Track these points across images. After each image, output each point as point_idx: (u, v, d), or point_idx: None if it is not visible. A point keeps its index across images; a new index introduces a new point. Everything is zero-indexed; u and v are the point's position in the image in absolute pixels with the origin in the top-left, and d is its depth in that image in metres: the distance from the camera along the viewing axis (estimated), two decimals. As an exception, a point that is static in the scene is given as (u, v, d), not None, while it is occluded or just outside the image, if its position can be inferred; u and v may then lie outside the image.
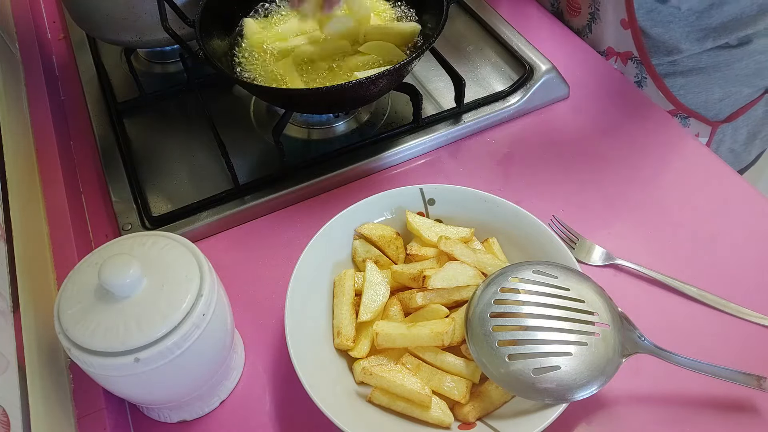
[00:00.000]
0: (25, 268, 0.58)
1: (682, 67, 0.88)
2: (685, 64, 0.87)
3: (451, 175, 0.75)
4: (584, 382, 0.50)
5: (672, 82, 0.89)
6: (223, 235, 0.71)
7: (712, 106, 0.91)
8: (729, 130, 0.94)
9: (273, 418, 0.57)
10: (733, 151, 0.98)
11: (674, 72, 0.88)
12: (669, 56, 0.86)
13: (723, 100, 0.90)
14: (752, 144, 0.99)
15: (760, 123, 0.96)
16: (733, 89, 0.89)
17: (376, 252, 0.62)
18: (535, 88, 0.80)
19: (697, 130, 0.93)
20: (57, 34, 1.00)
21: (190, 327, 0.47)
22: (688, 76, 0.88)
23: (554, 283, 0.54)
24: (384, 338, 0.54)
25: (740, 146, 0.98)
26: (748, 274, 0.64)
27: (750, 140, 0.98)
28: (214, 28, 0.75)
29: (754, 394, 0.55)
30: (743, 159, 1.01)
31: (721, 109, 0.92)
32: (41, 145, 0.77)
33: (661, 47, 0.86)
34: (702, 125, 0.93)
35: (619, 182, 0.73)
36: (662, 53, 0.86)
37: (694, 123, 0.93)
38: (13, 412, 0.45)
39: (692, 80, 0.89)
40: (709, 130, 0.93)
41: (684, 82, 0.89)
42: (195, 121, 0.83)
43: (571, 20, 0.95)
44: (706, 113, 0.92)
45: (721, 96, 0.90)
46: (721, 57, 0.86)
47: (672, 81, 0.89)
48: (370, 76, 0.65)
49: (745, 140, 0.97)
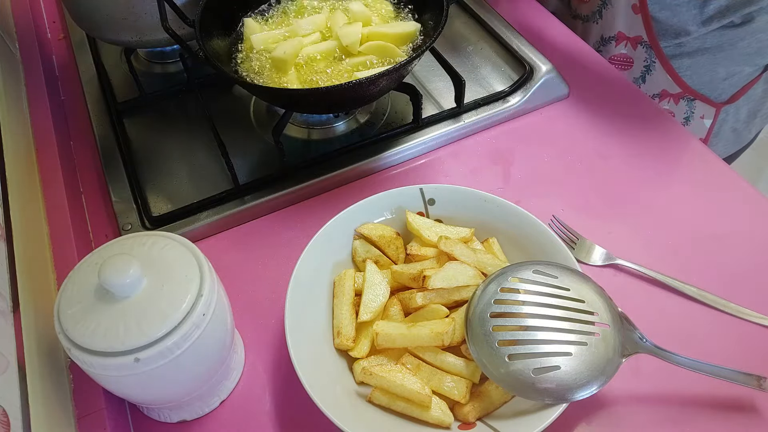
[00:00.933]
0: (25, 268, 0.58)
1: (688, 48, 0.90)
2: (691, 45, 0.89)
3: (451, 175, 0.75)
4: (584, 382, 0.50)
5: (679, 63, 0.91)
6: (223, 235, 0.71)
7: (716, 85, 0.93)
8: (731, 110, 0.97)
9: (273, 418, 0.57)
10: (735, 131, 1.00)
11: (681, 53, 0.91)
12: (677, 38, 0.88)
13: (726, 80, 0.93)
14: (752, 122, 1.01)
15: (759, 101, 0.99)
16: (736, 68, 0.92)
17: (376, 252, 0.62)
18: (535, 88, 0.80)
19: (702, 112, 0.96)
20: (57, 34, 1.00)
21: (190, 327, 0.47)
22: (694, 57, 0.91)
23: (554, 283, 0.54)
24: (384, 338, 0.54)
25: (741, 125, 1.00)
26: (748, 274, 0.64)
27: (750, 118, 1.00)
28: (214, 28, 0.75)
29: (754, 394, 0.55)
30: (744, 137, 1.03)
31: (725, 88, 0.94)
32: (41, 145, 0.77)
33: (669, 30, 0.88)
34: (707, 107, 0.95)
35: (620, 182, 0.73)
36: (670, 36, 0.88)
37: (700, 105, 0.95)
38: (13, 412, 0.45)
39: (698, 61, 0.91)
40: (713, 111, 0.96)
41: (690, 63, 0.91)
42: (195, 121, 0.83)
43: (579, 7, 0.96)
44: (710, 94, 0.94)
45: (725, 75, 0.92)
46: (725, 37, 0.88)
47: (679, 62, 0.91)
48: (370, 76, 0.65)
49: (746, 118, 0.99)
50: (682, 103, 0.95)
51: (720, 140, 1.01)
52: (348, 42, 0.74)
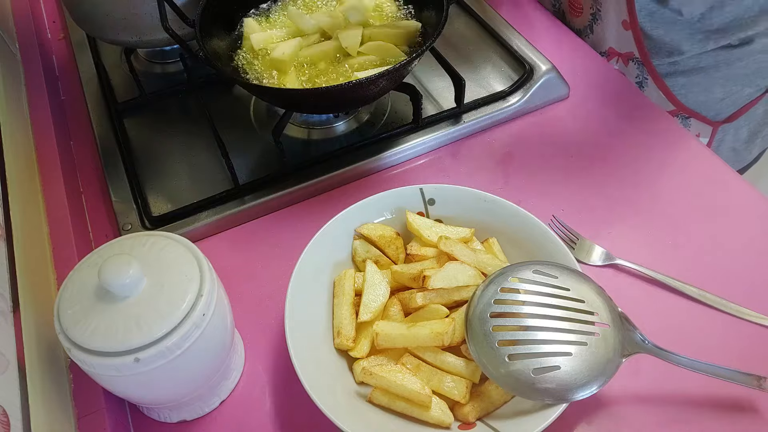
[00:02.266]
0: (25, 268, 0.58)
1: (683, 67, 0.87)
2: (686, 64, 0.87)
3: (451, 175, 0.75)
4: (584, 382, 0.50)
5: (673, 81, 0.89)
6: (223, 235, 0.71)
7: (713, 105, 0.91)
8: (730, 129, 0.94)
9: (273, 418, 0.57)
10: (734, 150, 0.98)
11: (675, 72, 0.88)
12: (670, 57, 0.86)
13: (724, 100, 0.90)
14: (753, 143, 0.99)
15: (761, 122, 0.96)
16: (734, 89, 0.89)
17: (376, 252, 0.62)
18: (535, 88, 0.80)
19: (697, 130, 0.93)
20: (57, 34, 1.00)
21: (190, 327, 0.47)
22: (689, 76, 0.88)
23: (554, 283, 0.54)
24: (384, 338, 0.54)
25: (741, 145, 0.98)
26: (748, 274, 0.64)
27: (751, 139, 0.98)
28: (214, 28, 0.75)
29: (754, 394, 0.55)
30: (744, 158, 1.01)
31: (722, 108, 0.92)
32: (41, 145, 0.77)
33: (662, 48, 0.86)
34: (703, 125, 0.93)
35: (620, 182, 0.73)
36: (663, 54, 0.86)
37: (695, 123, 0.93)
38: (13, 412, 0.45)
39: (693, 80, 0.88)
40: (710, 130, 0.93)
41: (685, 81, 0.89)
42: (195, 121, 0.83)
43: (572, 20, 0.95)
44: (707, 113, 0.92)
45: (722, 95, 0.90)
46: (721, 57, 0.86)
47: (673, 81, 0.89)
48: (370, 76, 0.65)
49: (747, 139, 0.97)
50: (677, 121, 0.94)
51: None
52: (348, 44, 0.74)
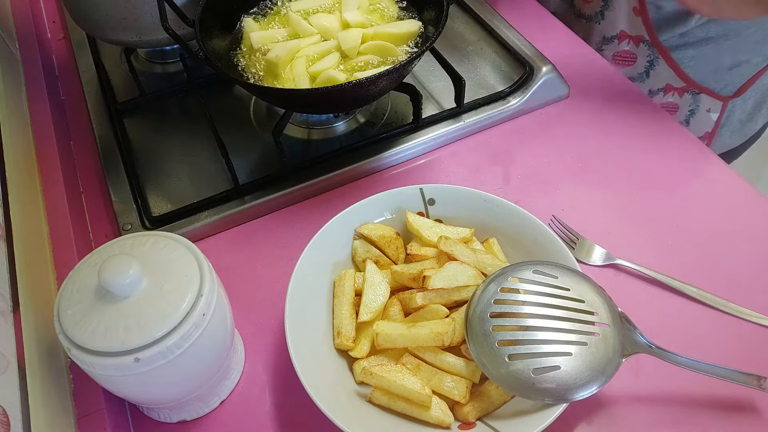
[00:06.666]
0: (25, 268, 0.58)
1: (692, 38, 0.89)
2: (694, 35, 0.89)
3: (451, 175, 0.75)
4: (584, 382, 0.50)
5: (683, 54, 0.91)
6: (223, 235, 0.71)
7: (722, 76, 0.92)
8: (738, 102, 0.96)
9: (273, 418, 0.57)
10: (740, 121, 1.00)
11: (685, 44, 0.90)
12: (679, 27, 0.87)
13: (732, 69, 0.92)
14: (758, 113, 1.00)
15: (766, 92, 0.98)
16: (742, 57, 0.91)
17: (376, 252, 0.62)
18: (535, 88, 0.80)
19: (708, 105, 0.95)
20: (57, 34, 1.00)
21: (190, 327, 0.47)
22: (698, 47, 0.90)
23: (554, 283, 0.54)
24: (384, 338, 0.54)
25: (747, 116, 0.99)
26: (748, 274, 0.64)
27: (756, 109, 0.99)
28: (214, 28, 0.75)
29: (754, 394, 0.55)
30: (749, 129, 1.02)
31: (731, 79, 0.93)
32: (41, 145, 0.77)
33: (671, 19, 0.87)
34: (713, 101, 0.94)
35: (619, 182, 0.73)
36: (672, 24, 0.88)
37: (705, 99, 0.94)
38: (13, 412, 0.45)
39: (702, 51, 0.90)
40: (719, 105, 0.95)
41: (694, 53, 0.90)
42: (195, 121, 0.83)
43: (583, 7, 0.96)
44: (715, 86, 0.93)
45: (731, 64, 0.91)
46: (730, 25, 0.87)
47: (683, 53, 0.91)
48: (370, 76, 0.65)
49: (752, 109, 0.99)
50: (687, 96, 0.95)
51: (726, 131, 1.00)
52: (347, 47, 0.74)
